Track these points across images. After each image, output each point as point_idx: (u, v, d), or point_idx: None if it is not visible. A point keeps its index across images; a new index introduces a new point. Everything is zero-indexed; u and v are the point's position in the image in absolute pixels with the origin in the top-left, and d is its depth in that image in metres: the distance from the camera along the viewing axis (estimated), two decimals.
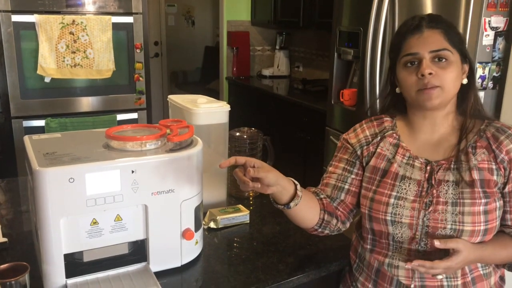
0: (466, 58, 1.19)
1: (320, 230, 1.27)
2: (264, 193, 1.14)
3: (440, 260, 1.08)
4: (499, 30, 2.17)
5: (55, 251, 1.11)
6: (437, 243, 1.08)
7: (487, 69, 2.20)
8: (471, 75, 1.21)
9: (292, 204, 1.18)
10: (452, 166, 1.16)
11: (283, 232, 1.48)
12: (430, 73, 1.13)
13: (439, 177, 1.16)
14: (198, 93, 1.77)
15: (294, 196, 1.19)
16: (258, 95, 4.23)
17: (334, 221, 1.27)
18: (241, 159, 1.12)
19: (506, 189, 1.14)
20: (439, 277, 1.13)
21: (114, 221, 1.16)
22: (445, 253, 1.10)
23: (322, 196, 1.28)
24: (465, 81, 1.20)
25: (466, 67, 1.20)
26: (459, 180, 1.14)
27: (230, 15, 4.67)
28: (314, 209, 1.25)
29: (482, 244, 1.14)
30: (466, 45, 1.23)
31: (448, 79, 1.14)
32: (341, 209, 1.29)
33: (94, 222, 1.14)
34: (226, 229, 1.50)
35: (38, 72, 2.82)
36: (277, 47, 4.63)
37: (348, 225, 1.32)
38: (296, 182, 1.21)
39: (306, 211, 1.23)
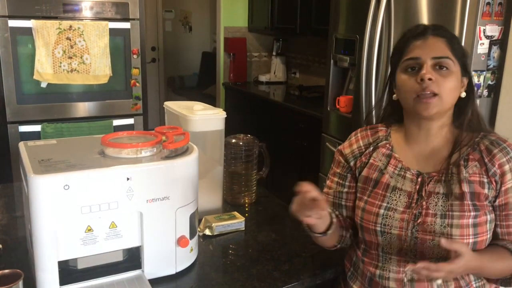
0: (466, 71, 1.18)
1: (339, 246, 1.31)
2: (307, 222, 1.13)
3: (445, 263, 1.04)
4: (494, 38, 2.19)
5: (49, 258, 1.10)
6: (443, 241, 1.04)
7: (482, 77, 2.21)
8: (470, 89, 1.20)
9: (329, 232, 1.21)
10: (443, 178, 1.16)
11: (279, 240, 1.48)
12: (430, 79, 1.12)
13: (430, 189, 1.16)
14: (195, 98, 1.78)
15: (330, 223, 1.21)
16: (254, 101, 4.23)
17: (348, 234, 1.31)
18: (314, 195, 1.06)
19: (497, 203, 1.14)
20: (439, 281, 1.12)
21: (109, 228, 1.16)
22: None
23: (336, 213, 1.31)
24: (463, 94, 1.19)
25: (465, 81, 1.19)
26: (449, 192, 1.13)
27: (227, 21, 4.69)
28: (339, 229, 1.28)
29: (481, 253, 1.12)
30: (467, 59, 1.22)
31: (447, 88, 1.13)
32: (349, 222, 1.32)
33: (89, 229, 1.14)
34: (221, 236, 1.50)
35: (34, 77, 2.82)
36: (274, 53, 4.64)
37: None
38: (330, 210, 1.22)
39: (335, 233, 1.26)
